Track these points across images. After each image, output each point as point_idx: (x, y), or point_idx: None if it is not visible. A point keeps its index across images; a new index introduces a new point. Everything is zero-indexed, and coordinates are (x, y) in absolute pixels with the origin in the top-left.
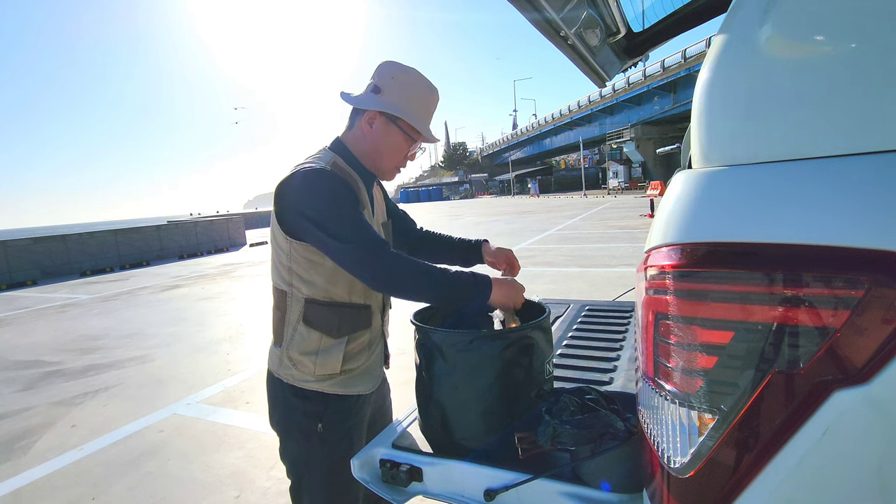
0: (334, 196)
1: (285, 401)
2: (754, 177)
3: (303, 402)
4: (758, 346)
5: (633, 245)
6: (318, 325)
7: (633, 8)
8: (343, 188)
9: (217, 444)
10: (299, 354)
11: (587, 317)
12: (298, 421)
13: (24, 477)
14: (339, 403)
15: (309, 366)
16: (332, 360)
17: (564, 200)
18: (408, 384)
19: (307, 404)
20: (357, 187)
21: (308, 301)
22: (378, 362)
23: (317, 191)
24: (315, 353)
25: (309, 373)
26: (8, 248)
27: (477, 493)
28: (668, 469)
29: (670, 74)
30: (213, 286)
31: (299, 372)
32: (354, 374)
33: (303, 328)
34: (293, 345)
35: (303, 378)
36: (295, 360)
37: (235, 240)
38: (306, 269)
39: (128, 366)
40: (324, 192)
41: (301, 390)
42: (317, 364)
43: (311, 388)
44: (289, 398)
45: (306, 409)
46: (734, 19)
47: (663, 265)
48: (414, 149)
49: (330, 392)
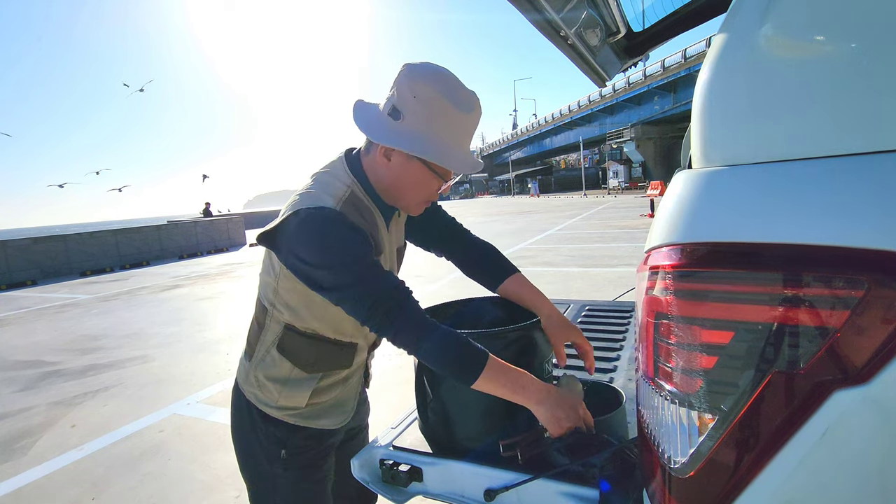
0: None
1: (249, 418)
2: (754, 177)
3: (266, 426)
4: (758, 347)
5: (634, 245)
6: (291, 356)
7: (633, 8)
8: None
9: (217, 443)
10: (266, 379)
11: (587, 317)
12: (262, 443)
13: (24, 477)
14: (304, 432)
15: (273, 393)
16: (299, 396)
17: (564, 200)
18: (408, 384)
19: (270, 428)
20: (374, 225)
21: (287, 327)
22: (352, 394)
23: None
24: (283, 382)
25: (272, 399)
26: (8, 248)
27: (477, 493)
28: (668, 469)
29: (670, 74)
30: (213, 286)
31: (263, 395)
32: (322, 408)
33: (275, 353)
34: (262, 366)
35: (265, 402)
36: (261, 382)
37: (235, 240)
38: (292, 297)
39: (128, 366)
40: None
41: (263, 413)
42: (281, 394)
43: (273, 414)
44: (253, 417)
45: (269, 433)
46: (734, 19)
47: (663, 265)
48: (446, 185)
49: (292, 423)
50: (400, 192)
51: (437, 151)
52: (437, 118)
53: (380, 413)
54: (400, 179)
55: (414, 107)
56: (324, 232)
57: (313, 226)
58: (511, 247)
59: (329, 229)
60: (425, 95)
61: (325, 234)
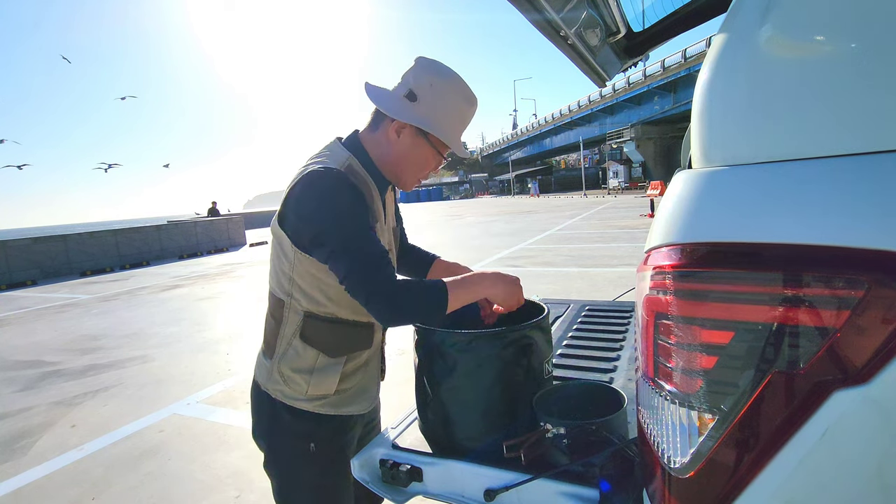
0: (341, 202)
1: (273, 417)
2: (754, 177)
3: (293, 421)
4: (758, 347)
5: (634, 245)
6: (315, 343)
7: (633, 8)
8: (353, 194)
9: (217, 444)
10: (291, 371)
11: (587, 317)
12: (288, 439)
13: (24, 477)
14: (331, 422)
15: (301, 385)
16: (328, 381)
17: (564, 200)
18: (408, 384)
19: (298, 423)
20: (371, 195)
21: (307, 315)
22: (374, 380)
23: (322, 195)
24: (309, 371)
25: (300, 392)
26: (8, 248)
27: (477, 493)
28: (668, 469)
29: (670, 74)
30: (212, 286)
31: (290, 389)
32: (348, 394)
33: (298, 344)
34: (285, 360)
35: (293, 396)
36: (286, 377)
37: (235, 240)
38: (309, 283)
39: (128, 366)
40: (330, 198)
41: (291, 408)
42: (310, 384)
43: (302, 407)
44: (278, 414)
45: (296, 429)
46: (734, 19)
47: (663, 265)
48: (442, 163)
49: (322, 412)
50: (402, 166)
51: (444, 132)
52: (448, 105)
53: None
54: (405, 155)
55: (429, 93)
56: (327, 186)
57: (319, 182)
58: (511, 247)
59: (332, 184)
60: (440, 86)
61: (328, 188)
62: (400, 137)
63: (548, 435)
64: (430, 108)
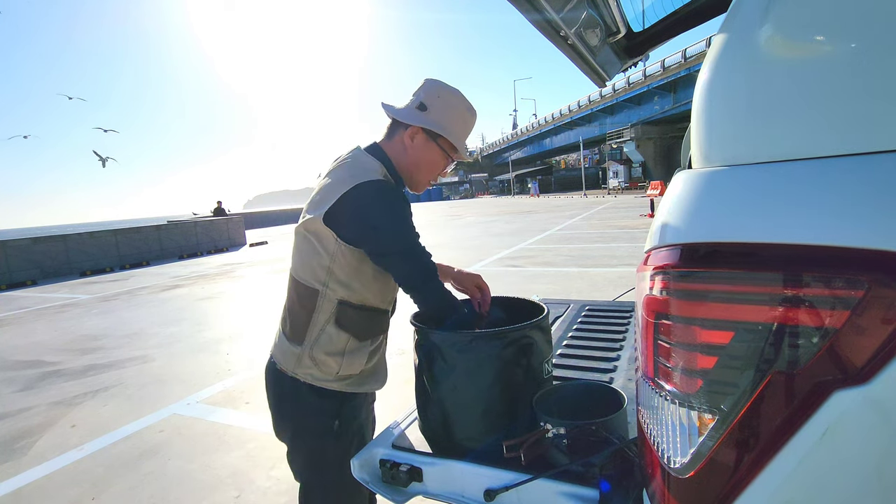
0: (404, 215)
1: (298, 399)
2: (754, 177)
3: (320, 401)
4: (758, 347)
5: (634, 245)
6: (349, 328)
7: (633, 8)
8: (407, 205)
9: (217, 444)
10: (324, 355)
11: (587, 317)
12: (313, 420)
13: (24, 477)
14: (353, 401)
15: (333, 366)
16: (357, 362)
17: (564, 200)
18: (408, 384)
19: (325, 402)
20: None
21: (341, 303)
22: (384, 360)
23: (386, 206)
24: (341, 354)
25: (331, 373)
26: (8, 248)
27: (477, 493)
28: (668, 469)
29: (670, 74)
30: (212, 286)
31: (321, 372)
32: (369, 373)
33: (332, 329)
34: (318, 345)
35: (323, 378)
36: (318, 361)
37: (235, 240)
38: (347, 273)
39: (128, 366)
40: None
41: (320, 389)
42: (342, 365)
43: (330, 387)
44: (304, 396)
45: (323, 408)
46: (734, 19)
47: (663, 265)
48: (450, 166)
49: (348, 391)
50: (416, 168)
51: (452, 133)
52: (454, 113)
53: (380, 413)
54: (418, 158)
55: (437, 102)
56: (388, 199)
57: (378, 194)
58: (511, 247)
59: (390, 197)
60: (446, 97)
61: (388, 201)
62: (413, 142)
63: (548, 435)
64: (438, 115)
